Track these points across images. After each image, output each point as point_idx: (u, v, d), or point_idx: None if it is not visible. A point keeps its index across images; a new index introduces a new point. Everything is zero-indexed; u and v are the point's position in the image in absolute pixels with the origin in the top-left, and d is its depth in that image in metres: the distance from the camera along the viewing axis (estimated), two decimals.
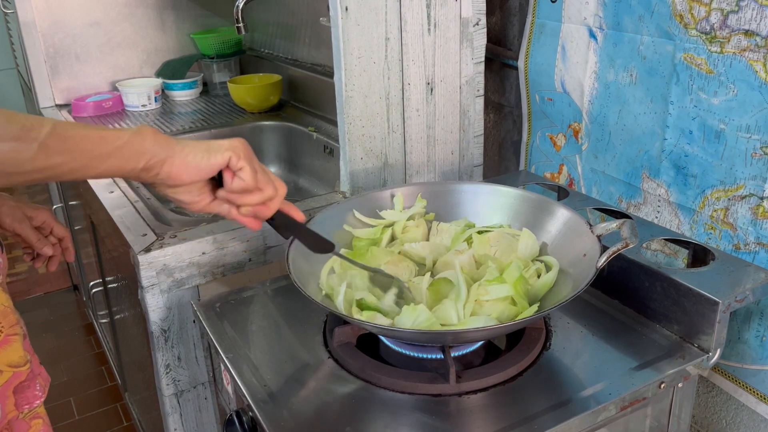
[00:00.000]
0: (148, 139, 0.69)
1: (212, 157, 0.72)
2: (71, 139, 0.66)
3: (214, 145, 0.73)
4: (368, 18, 1.13)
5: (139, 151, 0.69)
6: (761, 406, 1.02)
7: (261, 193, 0.77)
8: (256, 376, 0.87)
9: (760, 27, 0.90)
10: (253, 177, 0.75)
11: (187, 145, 0.72)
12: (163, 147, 0.70)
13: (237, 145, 0.74)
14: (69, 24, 2.02)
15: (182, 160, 0.71)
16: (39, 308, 2.69)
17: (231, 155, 0.73)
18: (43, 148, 0.64)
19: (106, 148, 0.67)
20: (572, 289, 0.83)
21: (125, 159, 0.68)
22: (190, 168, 0.71)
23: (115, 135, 0.68)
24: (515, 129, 1.46)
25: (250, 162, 0.75)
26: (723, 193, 1.00)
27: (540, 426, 0.76)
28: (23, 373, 0.87)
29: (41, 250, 1.02)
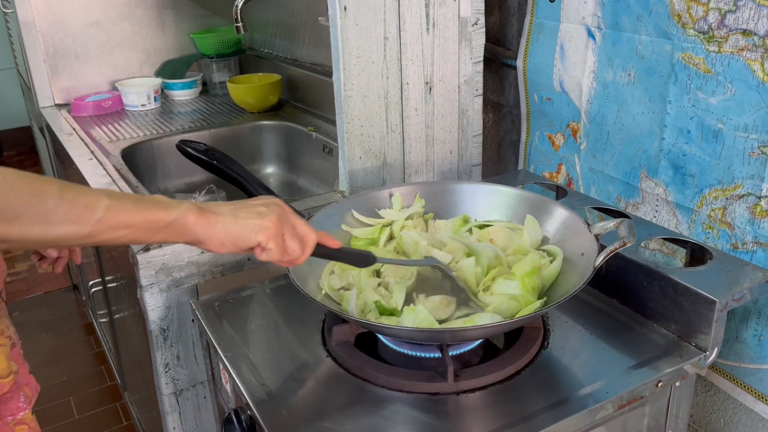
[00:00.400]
0: (190, 220, 0.73)
1: (245, 241, 0.76)
2: (122, 221, 0.68)
3: (248, 227, 0.76)
4: (367, 17, 1.13)
5: (182, 232, 0.73)
6: (759, 405, 1.02)
7: (287, 257, 0.80)
8: (254, 375, 0.87)
9: (758, 26, 0.90)
10: (277, 255, 0.78)
11: (223, 223, 0.75)
12: (203, 228, 0.74)
13: (268, 226, 0.77)
14: (69, 24, 2.02)
15: (218, 242, 0.75)
16: (39, 308, 2.69)
17: (261, 240, 0.77)
18: (96, 229, 0.66)
19: (153, 227, 0.71)
20: (570, 288, 0.83)
21: (168, 236, 0.73)
22: (225, 248, 0.76)
23: (162, 215, 0.71)
24: (514, 128, 1.46)
25: (278, 240, 0.78)
26: (721, 193, 1.01)
27: (538, 425, 0.76)
28: (5, 385, 0.86)
29: (46, 252, 1.01)
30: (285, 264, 0.82)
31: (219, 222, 0.74)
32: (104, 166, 1.49)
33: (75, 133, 1.77)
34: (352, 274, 0.93)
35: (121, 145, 1.66)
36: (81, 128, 1.81)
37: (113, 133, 1.78)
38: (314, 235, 0.82)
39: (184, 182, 1.76)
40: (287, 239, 0.79)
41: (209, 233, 0.74)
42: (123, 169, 1.48)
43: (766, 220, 0.95)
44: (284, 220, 0.79)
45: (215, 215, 0.74)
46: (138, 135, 1.76)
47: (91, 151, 1.60)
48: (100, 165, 1.50)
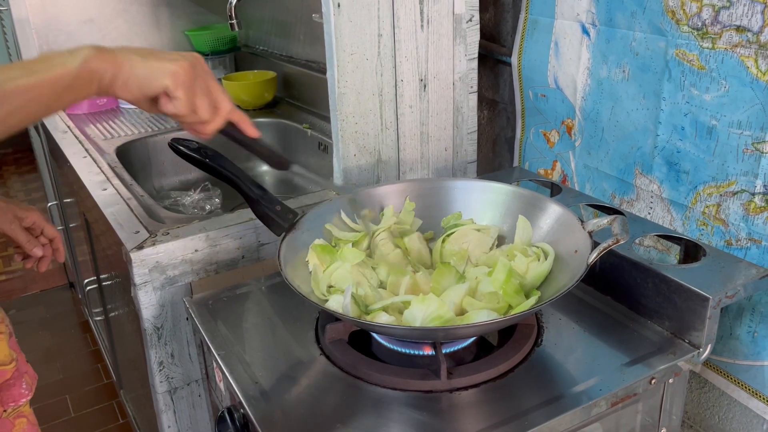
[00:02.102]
0: (93, 66, 0.68)
1: (151, 83, 0.72)
2: (24, 92, 0.64)
3: (156, 68, 0.72)
4: (361, 14, 1.13)
5: (88, 81, 0.68)
6: (753, 401, 1.02)
7: (196, 117, 0.76)
8: (248, 373, 0.87)
9: (752, 23, 0.90)
10: (186, 106, 0.74)
11: (131, 62, 0.70)
12: (109, 69, 0.69)
13: (177, 71, 0.72)
14: (63, 21, 2.01)
15: (124, 83, 0.70)
16: (35, 306, 2.69)
17: (169, 83, 0.72)
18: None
19: (57, 89, 0.66)
20: (564, 285, 0.83)
21: (78, 91, 0.68)
22: (132, 90, 0.71)
23: (64, 72, 0.66)
24: (509, 125, 1.46)
25: (187, 89, 0.73)
26: (715, 189, 1.01)
27: (531, 422, 0.76)
28: (8, 372, 0.87)
29: (31, 251, 1.02)
30: (193, 128, 0.78)
31: (125, 62, 0.70)
32: (99, 164, 1.49)
33: (69, 131, 1.77)
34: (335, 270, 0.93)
35: (116, 143, 1.65)
36: (75, 126, 1.81)
37: (108, 131, 1.77)
38: (229, 105, 0.78)
39: (179, 180, 1.76)
40: (198, 95, 0.74)
41: (115, 74, 0.69)
42: (117, 167, 1.48)
43: (759, 216, 0.95)
44: (199, 73, 0.75)
45: (120, 55, 0.70)
46: (132, 133, 1.76)
47: (85, 149, 1.59)
48: (95, 163, 1.49)
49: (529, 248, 0.95)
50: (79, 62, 0.67)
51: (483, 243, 0.99)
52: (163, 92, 0.73)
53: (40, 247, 1.02)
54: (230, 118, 0.80)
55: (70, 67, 0.66)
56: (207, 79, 0.75)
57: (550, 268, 0.90)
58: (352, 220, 1.03)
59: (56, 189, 2.22)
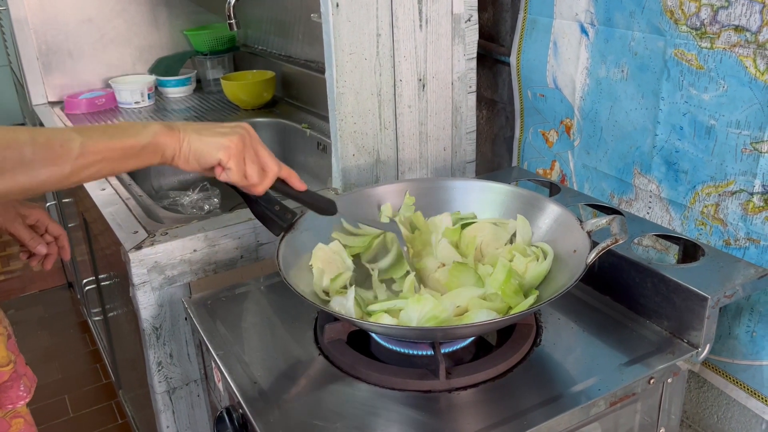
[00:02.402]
0: (161, 141, 0.77)
1: (207, 158, 0.80)
2: (99, 154, 0.72)
3: (210, 144, 0.80)
4: (359, 14, 1.13)
5: (154, 153, 0.77)
6: (751, 401, 1.02)
7: (247, 182, 0.84)
8: (246, 373, 0.87)
9: (750, 22, 0.90)
10: (237, 175, 0.82)
11: (189, 140, 0.79)
12: (172, 146, 0.78)
13: (230, 145, 0.81)
14: (61, 21, 2.01)
15: (185, 158, 0.80)
16: (33, 306, 2.69)
17: (222, 157, 0.80)
18: (75, 166, 0.70)
19: (128, 154, 0.75)
20: (563, 285, 0.83)
21: (144, 160, 0.77)
22: (190, 164, 0.81)
23: (135, 141, 0.75)
24: (508, 125, 1.46)
25: (238, 160, 0.82)
26: (713, 189, 1.01)
27: (530, 422, 0.76)
28: (6, 373, 0.87)
29: (35, 249, 1.01)
30: (245, 189, 0.86)
31: (185, 139, 0.79)
32: None
33: None
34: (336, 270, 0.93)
35: None
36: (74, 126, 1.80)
37: None
38: (276, 168, 0.86)
39: (177, 180, 1.76)
40: (248, 163, 0.82)
41: (176, 150, 0.78)
42: None
43: (758, 216, 0.95)
44: (247, 143, 0.82)
45: (182, 132, 0.79)
46: None
47: None
48: None
49: (528, 248, 0.95)
50: (150, 136, 0.76)
51: (499, 238, 0.99)
52: (217, 164, 0.81)
53: (44, 245, 1.01)
54: (279, 176, 0.88)
55: (141, 139, 0.76)
56: (256, 146, 0.84)
57: (548, 268, 0.90)
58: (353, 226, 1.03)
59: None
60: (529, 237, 0.97)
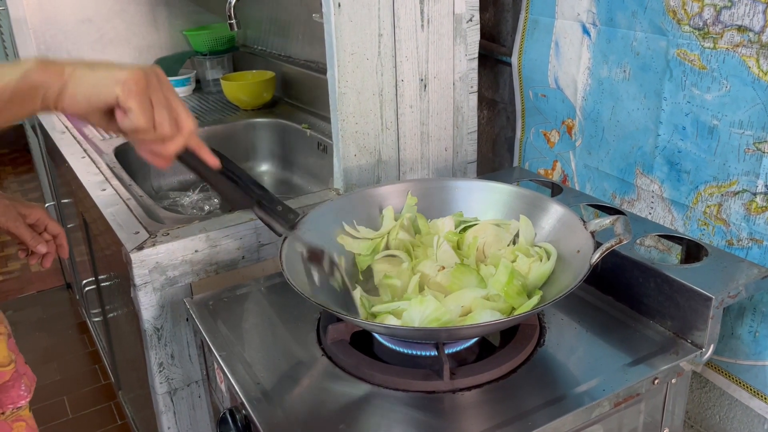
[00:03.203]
0: (35, 78, 0.63)
1: (99, 93, 0.66)
2: None
3: (105, 77, 0.66)
4: (361, 14, 1.13)
5: (31, 96, 0.64)
6: (754, 401, 1.02)
7: (154, 133, 0.68)
8: (249, 374, 0.87)
9: (753, 22, 0.90)
10: (143, 117, 0.66)
11: (79, 73, 0.65)
12: (53, 82, 0.64)
13: (128, 78, 0.65)
14: (60, 21, 2.01)
15: (72, 95, 0.65)
16: (32, 306, 2.68)
17: (119, 92, 0.65)
18: None
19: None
20: (566, 286, 0.82)
21: (19, 106, 0.64)
22: (80, 102, 0.66)
23: (2, 82, 0.62)
24: (509, 125, 1.46)
25: (142, 99, 0.66)
26: (716, 189, 1.01)
27: (534, 422, 0.76)
28: (7, 373, 0.86)
29: (35, 248, 1.01)
30: (152, 149, 0.70)
31: (72, 74, 0.64)
32: (97, 164, 1.48)
33: (67, 131, 1.76)
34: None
35: (114, 144, 1.65)
36: (73, 126, 1.80)
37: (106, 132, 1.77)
38: (192, 122, 0.71)
39: (177, 180, 1.75)
40: (156, 108, 0.67)
41: (60, 88, 0.64)
42: (116, 168, 1.47)
43: (761, 216, 0.95)
44: (153, 83, 0.67)
45: (67, 67, 0.65)
46: None
47: (83, 150, 1.59)
48: (93, 163, 1.49)
49: (532, 248, 0.94)
50: (19, 75, 0.62)
51: (501, 239, 0.98)
52: (115, 105, 0.66)
53: (44, 244, 1.01)
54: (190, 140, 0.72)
55: (9, 80, 0.62)
56: (166, 91, 0.68)
57: (552, 268, 0.90)
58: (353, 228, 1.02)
59: (54, 189, 2.22)
60: (532, 237, 0.97)
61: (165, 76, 0.69)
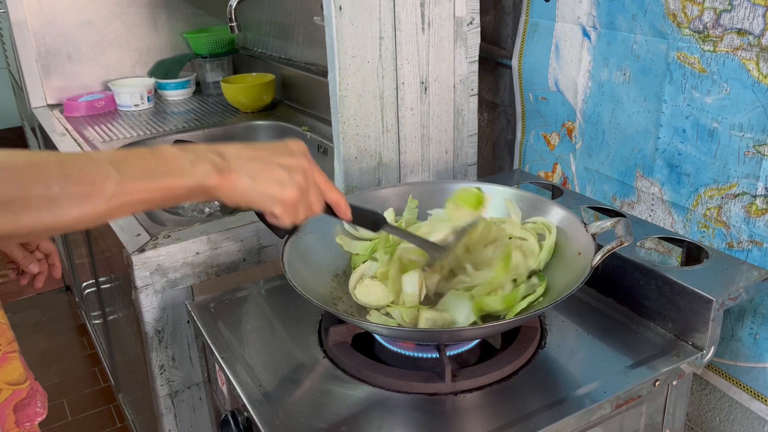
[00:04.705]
0: (209, 184, 0.67)
1: (260, 205, 0.72)
2: (138, 192, 0.62)
3: (265, 192, 0.71)
4: (362, 17, 1.13)
5: (203, 194, 0.68)
6: (755, 403, 1.02)
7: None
8: (251, 376, 0.87)
9: (753, 26, 0.90)
10: (288, 223, 0.74)
11: (242, 187, 0.69)
12: (221, 192, 0.69)
13: (285, 200, 0.72)
14: (61, 23, 2.01)
15: (234, 203, 0.70)
16: (31, 309, 2.68)
17: (278, 212, 0.72)
18: (110, 207, 0.60)
19: (170, 195, 0.65)
20: (567, 288, 0.83)
21: (188, 200, 0.68)
22: (237, 203, 0.71)
23: (179, 183, 0.65)
24: (509, 128, 1.46)
25: (294, 213, 0.74)
26: (716, 192, 1.01)
27: (535, 425, 0.76)
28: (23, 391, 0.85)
29: (27, 268, 0.97)
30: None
31: (238, 183, 0.69)
32: None
33: (68, 133, 1.76)
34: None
35: (115, 146, 1.65)
36: (74, 128, 1.80)
37: (106, 134, 1.77)
38: (321, 207, 0.78)
39: None
40: (300, 211, 0.74)
41: (226, 195, 0.69)
42: None
43: (761, 218, 0.95)
44: (304, 191, 0.73)
45: (234, 176, 0.68)
46: (131, 135, 1.75)
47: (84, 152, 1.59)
48: None
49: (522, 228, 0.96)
50: (198, 179, 0.66)
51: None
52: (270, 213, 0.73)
53: (36, 263, 0.97)
54: (327, 202, 0.80)
55: (188, 181, 0.65)
56: (311, 192, 0.75)
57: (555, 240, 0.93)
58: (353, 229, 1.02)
59: None
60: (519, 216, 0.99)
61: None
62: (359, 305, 0.91)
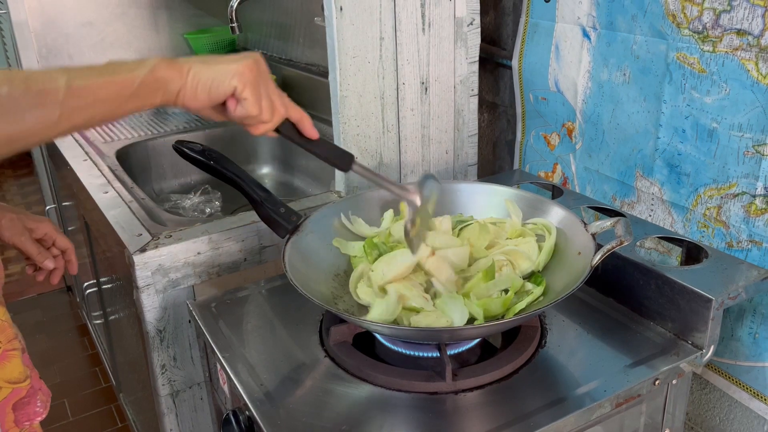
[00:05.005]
0: (159, 74, 0.68)
1: (219, 87, 0.71)
2: (90, 91, 0.64)
3: (222, 71, 0.71)
4: (363, 18, 1.13)
5: (154, 89, 0.68)
6: (754, 402, 1.02)
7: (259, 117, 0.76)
8: (252, 375, 0.87)
9: (752, 26, 0.90)
10: (255, 106, 0.73)
11: (197, 68, 0.70)
12: (175, 78, 0.69)
13: (244, 71, 0.72)
14: (62, 24, 2.01)
15: (192, 90, 0.70)
16: (32, 309, 2.68)
17: (237, 85, 0.72)
18: (64, 110, 0.62)
19: (124, 93, 0.66)
20: (567, 287, 0.83)
21: (143, 98, 0.68)
22: (199, 98, 0.71)
23: (131, 77, 0.66)
24: (509, 128, 1.47)
25: (255, 89, 0.73)
26: (716, 192, 1.01)
27: (536, 423, 0.77)
28: (23, 390, 0.85)
29: (42, 264, 0.98)
30: (252, 127, 0.77)
31: (191, 70, 0.70)
32: (99, 167, 1.48)
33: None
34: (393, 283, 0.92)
35: (116, 146, 1.65)
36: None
37: (107, 134, 1.77)
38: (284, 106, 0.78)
39: (178, 183, 1.76)
40: (263, 94, 0.74)
41: (181, 82, 0.69)
42: (118, 170, 1.48)
43: (760, 218, 0.96)
44: (262, 71, 0.74)
45: (186, 63, 0.70)
46: (132, 136, 1.75)
47: (85, 152, 1.59)
48: (95, 166, 1.49)
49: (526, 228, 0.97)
50: (146, 70, 0.67)
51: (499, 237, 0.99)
52: (230, 95, 0.72)
53: (51, 260, 0.98)
54: (289, 118, 0.80)
55: (138, 74, 0.67)
56: (267, 78, 0.75)
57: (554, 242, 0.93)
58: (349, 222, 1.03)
59: (54, 192, 2.22)
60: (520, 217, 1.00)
61: (265, 65, 0.75)
62: (360, 305, 0.92)
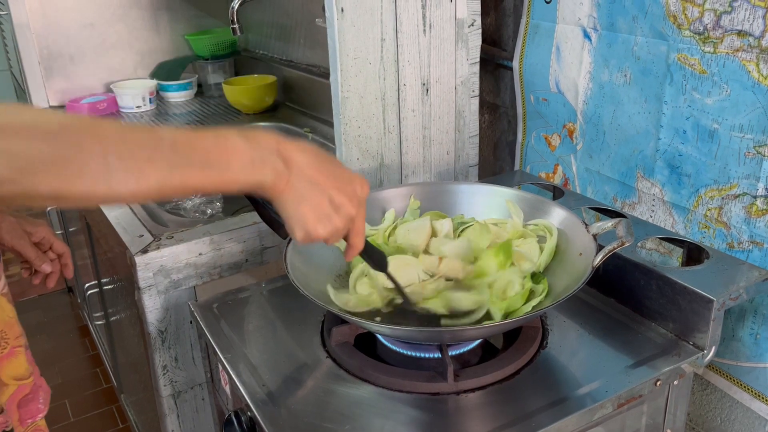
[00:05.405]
0: (266, 187, 0.65)
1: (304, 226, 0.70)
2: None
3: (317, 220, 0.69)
4: (364, 19, 1.13)
5: (255, 188, 0.66)
6: (755, 403, 1.02)
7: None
8: (254, 376, 0.87)
9: (753, 27, 0.91)
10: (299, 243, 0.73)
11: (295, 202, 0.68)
12: (279, 185, 0.66)
13: (337, 228, 0.71)
14: (63, 25, 2.02)
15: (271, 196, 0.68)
16: (33, 310, 2.68)
17: (297, 237, 0.71)
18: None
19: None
20: (569, 288, 0.83)
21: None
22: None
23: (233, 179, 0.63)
24: (510, 129, 1.47)
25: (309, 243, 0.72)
26: (717, 192, 1.01)
27: (537, 424, 0.77)
28: (27, 386, 0.86)
29: (40, 267, 0.99)
30: None
31: (283, 196, 0.67)
32: None
33: None
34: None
35: None
36: None
37: None
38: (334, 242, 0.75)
39: None
40: (341, 234, 0.73)
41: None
42: None
43: (761, 219, 0.96)
44: (334, 234, 0.72)
45: (287, 189, 0.67)
46: None
47: None
48: None
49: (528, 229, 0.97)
50: (255, 183, 0.64)
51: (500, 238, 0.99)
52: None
53: (48, 263, 1.00)
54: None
55: (245, 182, 0.64)
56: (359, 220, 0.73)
57: (556, 242, 0.93)
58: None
59: None
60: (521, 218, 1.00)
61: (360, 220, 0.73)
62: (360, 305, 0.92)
